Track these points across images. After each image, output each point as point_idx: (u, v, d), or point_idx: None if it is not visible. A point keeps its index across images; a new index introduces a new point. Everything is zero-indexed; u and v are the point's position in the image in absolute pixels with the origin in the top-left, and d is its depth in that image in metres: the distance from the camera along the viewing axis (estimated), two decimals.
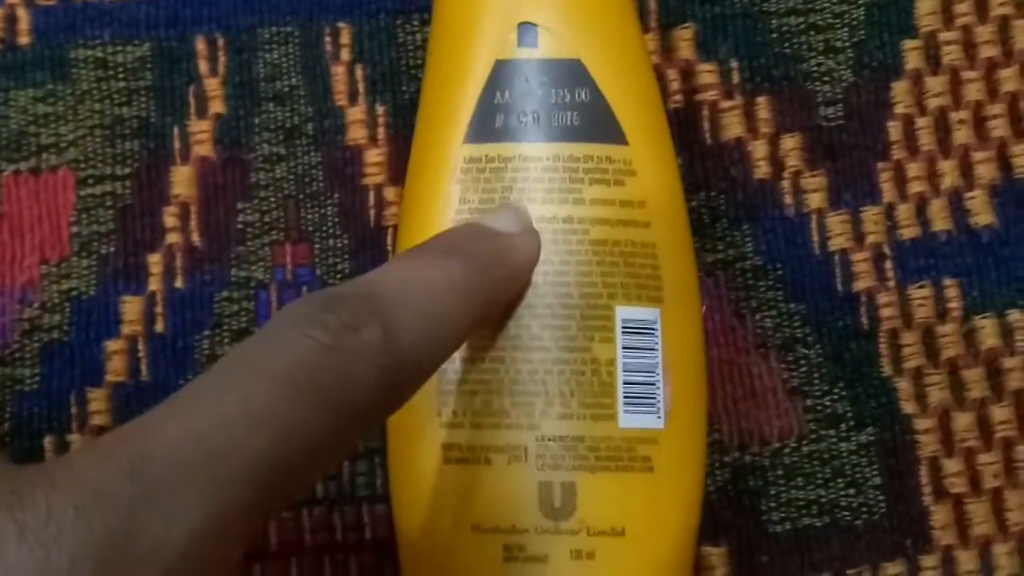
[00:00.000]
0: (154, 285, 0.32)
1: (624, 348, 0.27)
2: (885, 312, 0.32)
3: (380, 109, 0.33)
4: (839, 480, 0.31)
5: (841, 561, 0.31)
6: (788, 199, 0.32)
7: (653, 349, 0.27)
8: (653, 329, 0.27)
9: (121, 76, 0.33)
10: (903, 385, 0.32)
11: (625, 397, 0.26)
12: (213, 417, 0.18)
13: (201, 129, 0.33)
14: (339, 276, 0.32)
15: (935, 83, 0.33)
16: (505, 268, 0.25)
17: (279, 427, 0.18)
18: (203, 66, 0.33)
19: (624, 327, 0.27)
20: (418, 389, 0.22)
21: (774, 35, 0.33)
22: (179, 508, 0.17)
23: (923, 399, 0.32)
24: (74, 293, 0.32)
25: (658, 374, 0.27)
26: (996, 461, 0.31)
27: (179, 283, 0.32)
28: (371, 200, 0.32)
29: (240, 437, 0.18)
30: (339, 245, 0.32)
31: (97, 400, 0.31)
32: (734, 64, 0.33)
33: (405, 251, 0.25)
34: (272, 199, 0.32)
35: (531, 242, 0.26)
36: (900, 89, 0.33)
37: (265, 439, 0.18)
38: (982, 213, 0.32)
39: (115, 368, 0.31)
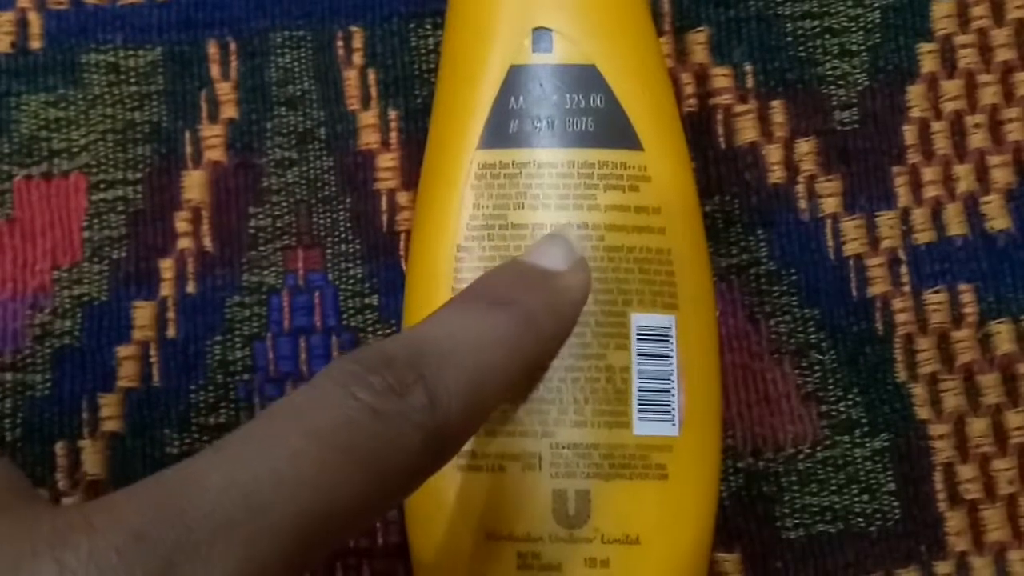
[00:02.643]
0: (166, 290, 0.32)
1: (639, 355, 0.26)
2: (900, 317, 0.32)
3: (392, 113, 0.33)
4: (853, 486, 0.31)
5: (855, 567, 0.31)
6: (803, 204, 0.32)
7: (668, 356, 0.27)
8: (668, 336, 0.27)
9: (133, 80, 0.33)
10: (918, 391, 0.31)
11: (640, 405, 0.26)
12: (258, 471, 0.18)
13: (213, 134, 0.32)
14: (351, 281, 0.32)
15: (951, 87, 0.33)
16: (554, 316, 0.25)
17: (322, 487, 0.19)
18: (215, 70, 0.33)
19: (639, 334, 0.26)
20: (462, 447, 0.22)
21: (789, 38, 0.33)
22: (218, 557, 0.17)
23: (938, 405, 0.31)
24: (86, 298, 0.32)
25: (673, 381, 0.27)
26: (1011, 467, 0.31)
27: (191, 288, 0.32)
28: (383, 205, 0.32)
29: (283, 493, 0.18)
30: (351, 250, 0.32)
31: (109, 405, 0.31)
32: (748, 68, 0.33)
33: (452, 300, 0.24)
34: (284, 204, 0.32)
35: (581, 280, 0.26)
36: (915, 93, 0.33)
37: (308, 497, 0.18)
38: (998, 217, 0.32)
39: (127, 373, 0.31)
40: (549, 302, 0.25)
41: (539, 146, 0.27)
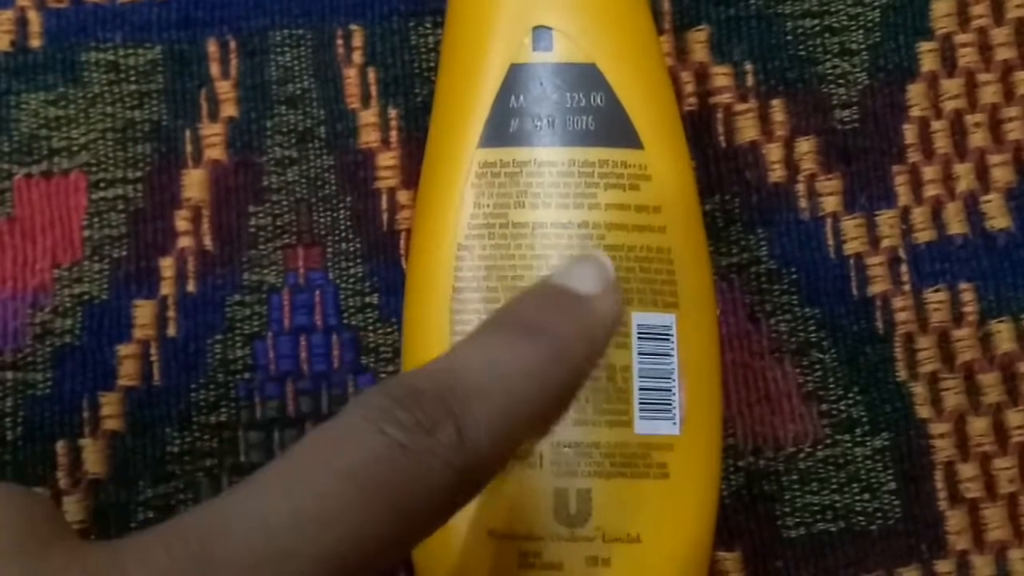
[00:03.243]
0: (166, 289, 0.32)
1: (640, 354, 0.26)
2: (900, 316, 0.32)
3: (393, 112, 0.33)
4: (854, 485, 0.31)
5: (856, 566, 0.31)
6: (803, 202, 0.32)
7: (669, 355, 0.27)
8: (669, 335, 0.27)
9: (133, 79, 0.33)
10: (918, 389, 0.31)
11: (641, 403, 0.26)
12: (286, 513, 0.18)
13: (213, 132, 0.32)
14: (351, 280, 0.32)
15: (951, 86, 0.33)
16: (587, 343, 0.24)
17: (350, 527, 0.18)
18: (215, 69, 0.33)
19: (640, 333, 0.26)
20: (491, 481, 0.22)
21: (789, 37, 0.33)
22: None
23: (938, 403, 0.31)
24: (86, 297, 0.32)
25: (674, 380, 0.27)
26: (1012, 466, 0.31)
27: (191, 287, 0.32)
28: (384, 204, 0.32)
29: (311, 535, 0.18)
30: (351, 249, 0.32)
31: (109, 404, 0.31)
32: (749, 67, 0.33)
33: (482, 327, 0.23)
34: (284, 203, 0.32)
35: (614, 304, 0.24)
36: (915, 92, 0.33)
37: (335, 538, 0.18)
38: (998, 216, 0.32)
39: (127, 372, 0.31)
40: (581, 329, 0.24)
41: (539, 145, 0.27)
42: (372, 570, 0.20)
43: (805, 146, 0.32)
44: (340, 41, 0.33)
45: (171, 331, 0.32)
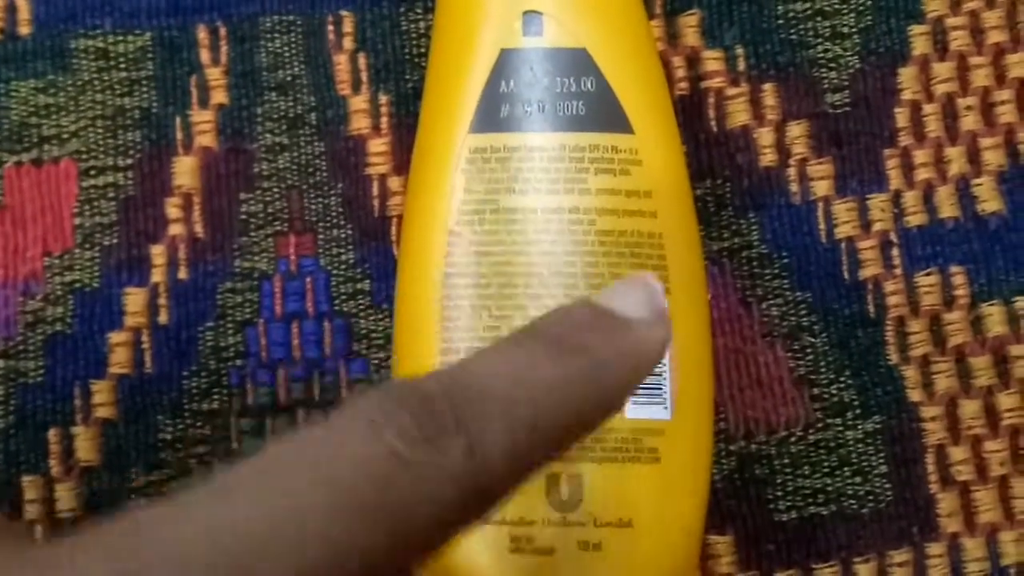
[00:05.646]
0: (157, 276, 0.32)
1: None
2: (892, 300, 0.32)
3: (383, 98, 0.32)
4: (845, 468, 0.31)
5: (847, 549, 0.31)
6: (794, 187, 0.32)
7: None
8: None
9: (122, 66, 0.33)
10: (910, 373, 0.31)
11: None
12: (253, 523, 0.16)
13: (203, 119, 0.32)
14: (343, 267, 0.32)
15: (942, 69, 0.33)
16: (626, 371, 0.21)
17: (329, 544, 0.16)
18: (205, 55, 0.33)
19: None
20: (503, 504, 0.19)
21: (780, 21, 0.33)
22: None
23: (930, 387, 0.31)
24: (77, 285, 0.32)
25: (665, 365, 0.27)
26: (1003, 449, 0.31)
27: (182, 274, 0.32)
28: (375, 190, 0.32)
29: (279, 550, 0.16)
30: (343, 235, 0.32)
31: (101, 392, 0.31)
32: (740, 51, 0.33)
33: (511, 336, 0.21)
34: (275, 189, 0.32)
35: (662, 334, 0.21)
36: (907, 75, 0.33)
37: (309, 556, 0.16)
38: (989, 200, 0.32)
39: (119, 360, 0.31)
40: (620, 354, 0.21)
41: (530, 130, 0.27)
42: None
43: (796, 130, 0.32)
44: (331, 27, 0.33)
45: (163, 318, 0.32)
